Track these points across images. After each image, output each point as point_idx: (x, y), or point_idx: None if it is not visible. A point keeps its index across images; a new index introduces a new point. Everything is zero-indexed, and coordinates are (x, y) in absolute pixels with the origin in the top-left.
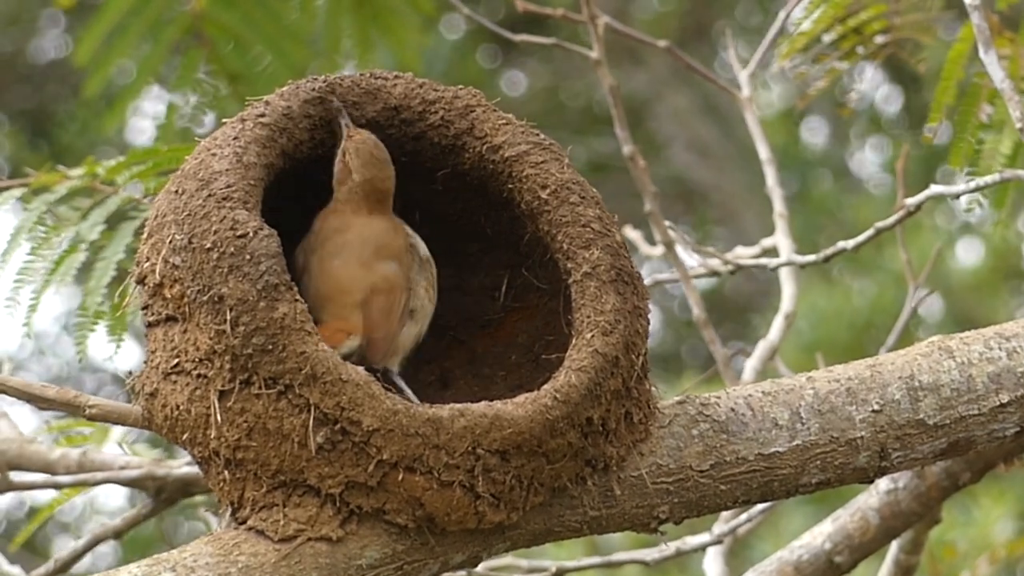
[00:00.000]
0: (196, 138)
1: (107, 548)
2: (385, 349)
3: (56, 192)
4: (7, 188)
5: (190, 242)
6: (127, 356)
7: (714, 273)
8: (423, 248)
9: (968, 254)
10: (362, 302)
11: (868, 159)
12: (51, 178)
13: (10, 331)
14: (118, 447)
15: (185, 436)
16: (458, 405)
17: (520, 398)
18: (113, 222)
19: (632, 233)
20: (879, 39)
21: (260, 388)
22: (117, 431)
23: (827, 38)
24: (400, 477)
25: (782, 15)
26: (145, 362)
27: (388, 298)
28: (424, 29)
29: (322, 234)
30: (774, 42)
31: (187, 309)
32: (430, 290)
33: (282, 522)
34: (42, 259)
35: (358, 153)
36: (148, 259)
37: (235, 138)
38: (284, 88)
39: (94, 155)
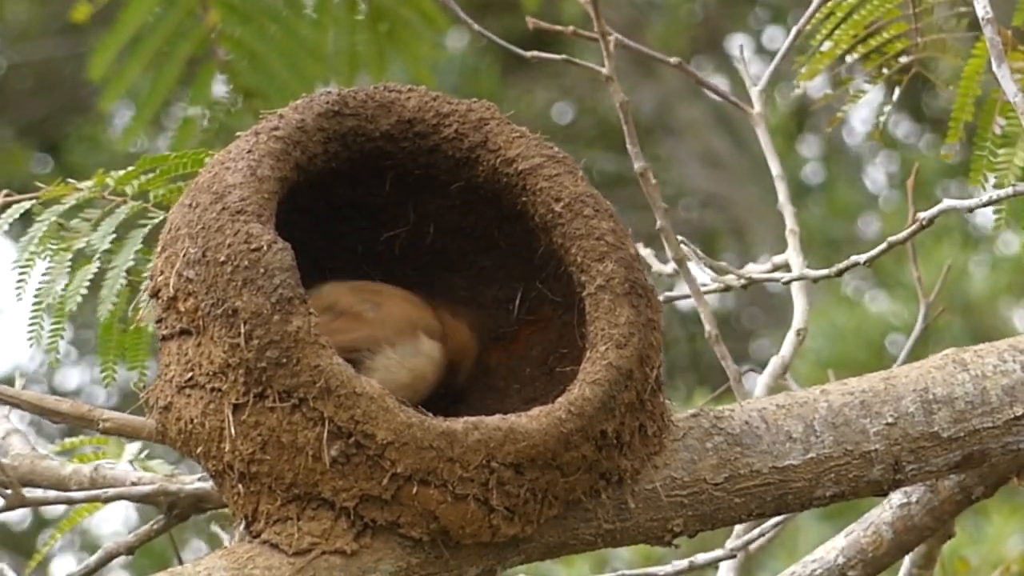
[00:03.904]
0: (209, 152)
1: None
2: None
3: (66, 203)
4: (17, 201)
5: (204, 255)
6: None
7: (726, 288)
8: (429, 351)
9: (984, 268)
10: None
11: (877, 172)
12: (61, 190)
13: (20, 345)
14: (129, 464)
15: (199, 450)
16: (472, 418)
17: (534, 411)
18: (123, 231)
19: (643, 251)
20: (902, 59)
21: (274, 401)
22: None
23: (849, 59)
24: (414, 490)
25: (794, 31)
26: (159, 376)
27: (336, 321)
28: (438, 45)
29: None
30: (786, 57)
31: (201, 323)
32: (403, 371)
33: (296, 535)
34: (57, 274)
35: None
36: (162, 272)
37: (249, 151)
38: (298, 101)
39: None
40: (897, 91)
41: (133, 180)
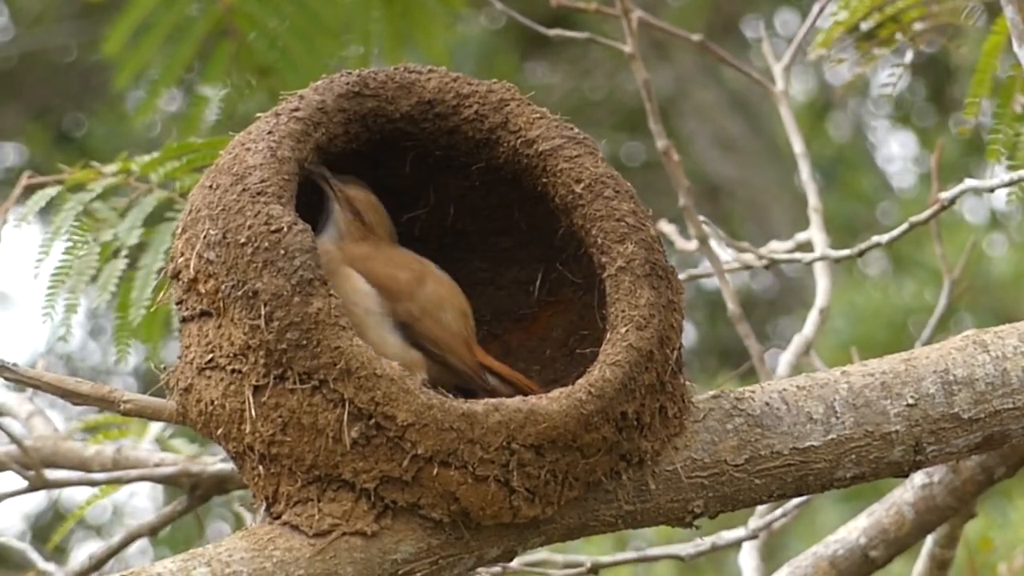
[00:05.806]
0: (230, 133)
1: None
2: None
3: (91, 191)
4: (41, 185)
5: (224, 237)
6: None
7: (747, 267)
8: (358, 287)
9: (1005, 249)
10: None
11: (894, 152)
12: (85, 175)
13: (45, 334)
14: (154, 443)
15: (219, 431)
16: (492, 399)
17: (555, 392)
18: (151, 222)
19: (667, 227)
20: (917, 26)
21: (294, 383)
22: (156, 426)
23: (864, 26)
24: (435, 472)
25: (816, 7)
26: (179, 357)
27: None
28: (452, 24)
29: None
30: (809, 34)
31: (221, 304)
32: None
33: (317, 517)
34: (80, 260)
35: (375, 210)
36: (182, 254)
37: (269, 132)
38: (318, 82)
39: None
40: (910, 54)
41: (159, 167)
